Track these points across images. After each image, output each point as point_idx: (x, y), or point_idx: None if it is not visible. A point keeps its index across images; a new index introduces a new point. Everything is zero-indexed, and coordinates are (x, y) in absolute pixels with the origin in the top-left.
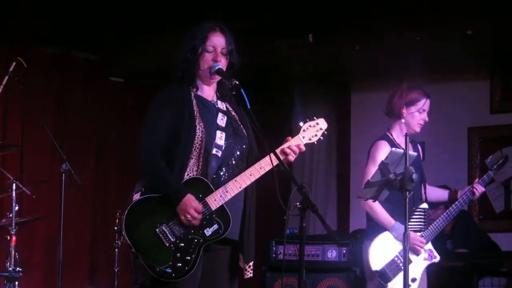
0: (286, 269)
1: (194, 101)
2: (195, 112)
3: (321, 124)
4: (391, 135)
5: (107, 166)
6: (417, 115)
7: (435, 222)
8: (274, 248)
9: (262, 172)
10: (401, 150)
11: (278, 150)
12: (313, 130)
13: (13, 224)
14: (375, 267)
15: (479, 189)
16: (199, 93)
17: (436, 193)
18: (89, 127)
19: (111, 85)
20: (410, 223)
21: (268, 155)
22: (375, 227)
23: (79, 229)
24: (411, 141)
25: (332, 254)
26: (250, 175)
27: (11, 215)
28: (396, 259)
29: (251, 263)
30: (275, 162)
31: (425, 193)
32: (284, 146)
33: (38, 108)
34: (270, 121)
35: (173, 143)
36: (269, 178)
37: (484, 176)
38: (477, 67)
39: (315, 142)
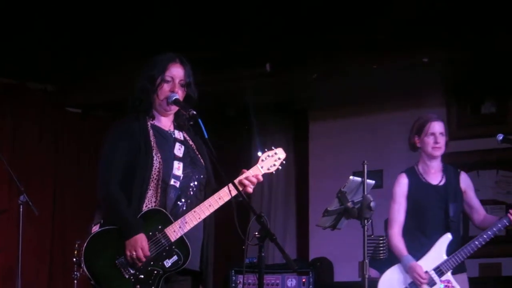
0: None
1: (151, 132)
2: (152, 142)
3: (280, 153)
4: (417, 166)
5: (65, 197)
6: (427, 140)
7: (456, 253)
8: (233, 277)
9: (221, 202)
10: (359, 178)
11: (236, 181)
12: (271, 160)
13: None
14: None
15: None
16: (156, 123)
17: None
18: (46, 158)
19: (68, 116)
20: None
21: (227, 186)
22: (392, 259)
23: (37, 260)
24: (444, 170)
25: (291, 283)
26: (209, 205)
27: None
28: None
29: None
30: (234, 192)
31: (456, 222)
32: (242, 177)
33: None
34: (228, 151)
35: (131, 175)
36: (228, 207)
37: None
38: (433, 95)
39: (274, 172)
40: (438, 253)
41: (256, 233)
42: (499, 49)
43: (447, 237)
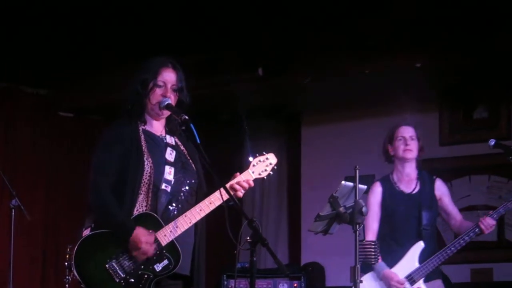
0: None
1: (142, 137)
2: (143, 147)
3: (271, 159)
4: (392, 174)
5: (57, 202)
6: (397, 144)
7: (428, 260)
8: (225, 282)
9: (212, 207)
10: (351, 183)
11: (227, 186)
12: (262, 165)
13: None
14: None
15: (485, 223)
16: (147, 128)
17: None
18: (38, 162)
19: (60, 120)
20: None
21: (218, 190)
22: (366, 265)
23: (29, 265)
24: (419, 177)
25: (283, 287)
26: (200, 210)
27: None
28: None
29: None
30: (225, 197)
31: (428, 231)
32: (234, 181)
33: None
34: (220, 156)
35: (122, 179)
36: (220, 212)
37: (500, 208)
38: (425, 100)
39: (265, 177)
40: (410, 261)
41: (248, 238)
42: (499, 49)
43: (420, 245)
